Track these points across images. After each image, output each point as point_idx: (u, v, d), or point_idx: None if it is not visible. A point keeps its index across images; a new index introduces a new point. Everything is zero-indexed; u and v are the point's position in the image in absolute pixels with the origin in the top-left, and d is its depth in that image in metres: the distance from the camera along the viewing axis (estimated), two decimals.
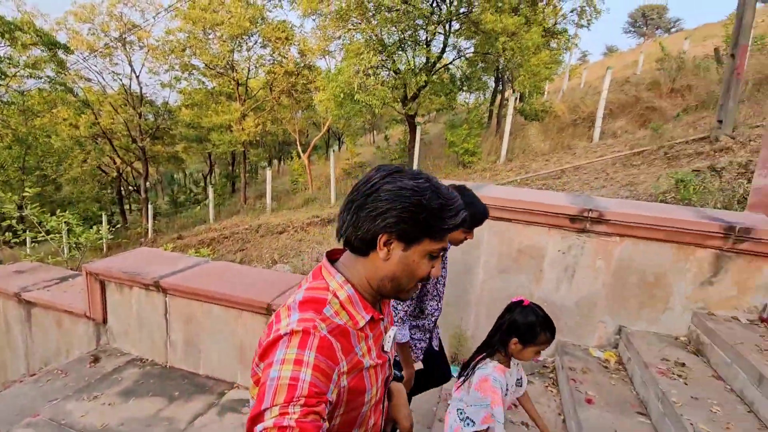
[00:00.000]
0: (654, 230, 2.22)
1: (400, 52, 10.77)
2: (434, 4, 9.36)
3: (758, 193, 2.49)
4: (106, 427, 2.86)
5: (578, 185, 7.03)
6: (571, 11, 12.04)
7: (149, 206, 15.12)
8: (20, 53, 10.65)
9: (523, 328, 1.52)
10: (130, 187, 20.79)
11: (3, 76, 10.13)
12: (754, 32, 15.12)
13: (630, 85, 11.64)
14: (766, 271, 2.15)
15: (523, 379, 1.70)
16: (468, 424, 1.52)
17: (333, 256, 0.95)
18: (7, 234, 18.01)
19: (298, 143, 14.60)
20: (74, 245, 17.39)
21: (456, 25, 10.84)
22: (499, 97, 14.32)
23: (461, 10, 9.71)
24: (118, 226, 18.72)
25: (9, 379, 4.41)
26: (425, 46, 10.58)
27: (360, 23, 9.56)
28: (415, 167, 11.42)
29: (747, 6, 5.91)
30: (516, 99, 10.45)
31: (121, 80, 14.59)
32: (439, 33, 11.16)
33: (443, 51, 11.27)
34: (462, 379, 1.65)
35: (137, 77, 14.62)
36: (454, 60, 11.51)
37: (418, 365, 2.08)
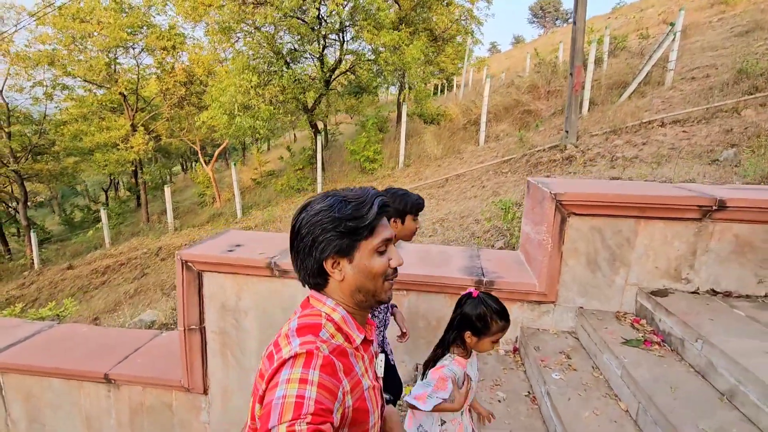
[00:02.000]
0: (428, 285, 2.58)
1: (296, 64, 10.71)
2: (319, 17, 9.42)
3: (523, 236, 2.97)
4: None
5: (456, 194, 7.61)
6: (455, 20, 12.76)
7: (32, 233, 13.61)
8: None
9: (474, 319, 1.49)
10: (11, 211, 18.45)
11: None
12: (618, 32, 17.16)
13: (513, 87, 12.67)
14: (513, 310, 2.60)
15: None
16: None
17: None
18: None
19: (200, 155, 13.96)
20: None
21: (350, 34, 11.00)
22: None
23: (347, 24, 9.87)
24: (3, 258, 16.63)
25: None
26: (318, 58, 10.62)
27: (247, 35, 9.34)
28: (319, 175, 11.52)
29: (578, 33, 6.76)
30: (407, 105, 10.89)
31: None
32: (333, 40, 11.27)
33: (340, 60, 11.40)
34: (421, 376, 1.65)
35: (0, 93, 12.85)
36: (351, 67, 11.66)
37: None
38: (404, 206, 1.89)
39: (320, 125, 19.04)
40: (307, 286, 0.94)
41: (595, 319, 2.41)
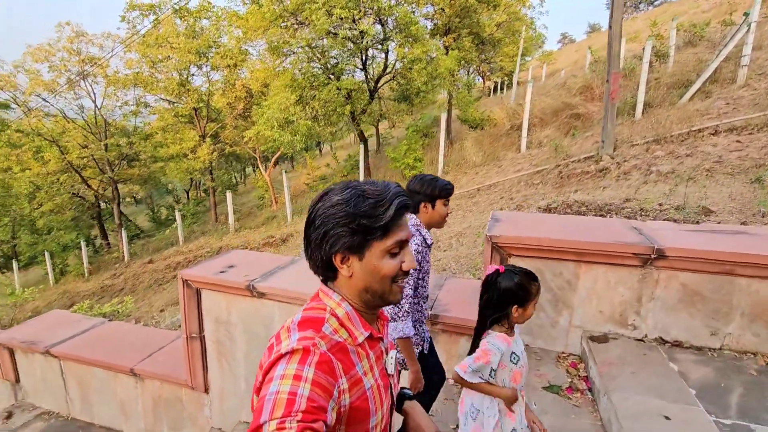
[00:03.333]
0: None
1: (342, 77, 11.18)
2: (361, 32, 9.78)
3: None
4: None
5: (484, 205, 7.54)
6: (499, 24, 12.37)
7: (123, 230, 15.77)
8: None
9: (516, 290, 1.48)
10: (111, 209, 21.41)
11: None
12: (706, 16, 15.38)
13: (565, 88, 12.01)
14: (461, 342, 2.71)
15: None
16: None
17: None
18: None
19: (259, 161, 15.18)
20: (59, 271, 17.94)
21: (394, 44, 11.24)
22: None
23: (389, 34, 10.12)
24: (104, 250, 19.45)
25: None
26: (361, 69, 11.02)
27: (291, 54, 10.02)
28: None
29: (614, 38, 6.34)
30: (444, 112, 10.85)
31: (83, 114, 15.15)
32: (379, 50, 11.59)
33: (384, 69, 11.70)
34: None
35: (98, 110, 15.19)
36: (395, 76, 11.89)
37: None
38: (433, 191, 1.94)
39: (371, 130, 19.54)
40: (318, 276, 0.92)
41: (534, 359, 2.44)
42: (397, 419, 1.09)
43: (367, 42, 9.80)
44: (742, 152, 5.44)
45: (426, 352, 2.06)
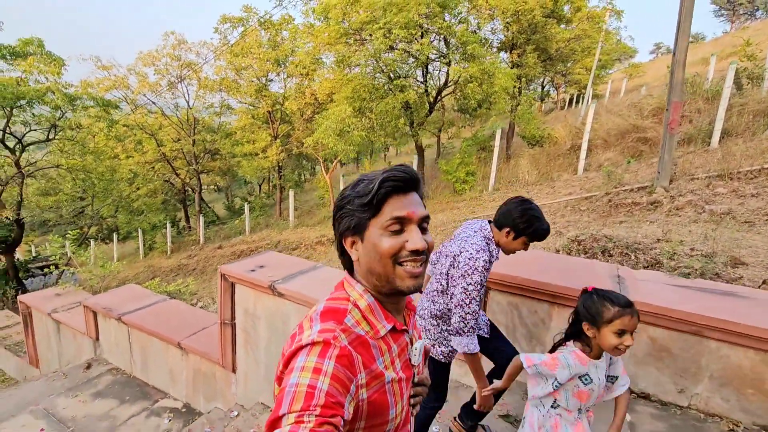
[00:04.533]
0: None
1: (402, 92, 11.60)
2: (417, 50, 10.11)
3: None
4: (74, 418, 4.35)
5: None
6: (569, 40, 11.90)
7: (201, 216, 17.61)
8: (80, 112, 13.36)
9: (588, 310, 1.48)
10: (194, 195, 23.89)
11: (79, 127, 13.06)
12: None
13: (635, 109, 11.27)
14: None
15: (622, 377, 1.63)
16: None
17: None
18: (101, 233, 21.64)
19: (321, 164, 16.15)
20: (148, 247, 20.43)
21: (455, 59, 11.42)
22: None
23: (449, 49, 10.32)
24: (185, 232, 21.89)
25: (49, 370, 6.27)
26: (422, 82, 11.35)
27: (356, 66, 10.65)
28: None
29: (677, 66, 5.98)
30: (507, 129, 10.77)
31: (177, 112, 17.32)
32: (444, 63, 11.82)
33: (446, 83, 11.91)
34: None
35: (190, 109, 17.26)
36: (455, 90, 12.04)
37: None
38: (525, 228, 1.82)
39: (432, 140, 19.70)
40: (344, 267, 0.95)
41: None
42: None
43: (426, 57, 10.10)
44: None
45: (487, 335, 2.15)
